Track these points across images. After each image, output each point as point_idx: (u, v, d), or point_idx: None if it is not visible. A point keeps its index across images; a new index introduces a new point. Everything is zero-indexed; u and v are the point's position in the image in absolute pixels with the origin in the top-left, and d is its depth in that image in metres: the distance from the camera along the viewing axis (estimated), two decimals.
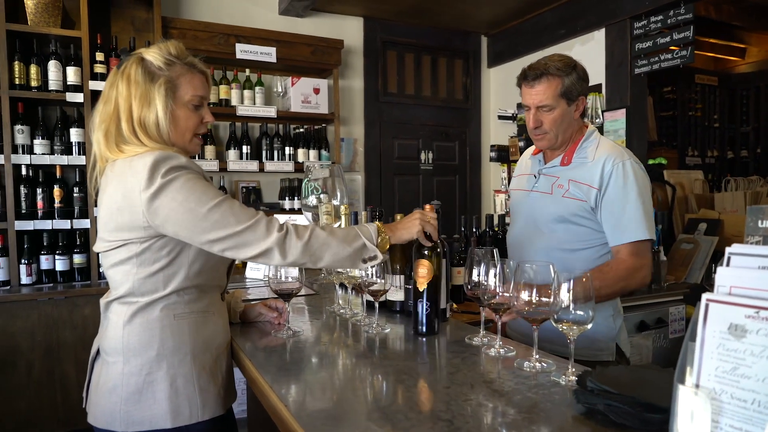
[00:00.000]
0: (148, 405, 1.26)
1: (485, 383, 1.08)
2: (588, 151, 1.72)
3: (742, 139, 5.93)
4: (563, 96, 1.66)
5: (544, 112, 1.68)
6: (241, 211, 1.24)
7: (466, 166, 4.92)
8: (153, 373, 1.27)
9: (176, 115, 1.33)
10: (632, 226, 1.62)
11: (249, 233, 1.23)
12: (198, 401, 1.28)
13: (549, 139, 1.73)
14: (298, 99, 3.89)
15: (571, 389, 1.03)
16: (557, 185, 1.73)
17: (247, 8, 3.99)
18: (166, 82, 1.30)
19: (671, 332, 2.82)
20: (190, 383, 1.28)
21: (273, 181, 4.10)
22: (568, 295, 1.07)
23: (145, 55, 1.32)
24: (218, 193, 1.26)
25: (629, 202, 1.62)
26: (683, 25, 3.35)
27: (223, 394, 1.36)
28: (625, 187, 1.63)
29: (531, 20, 4.42)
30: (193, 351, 1.30)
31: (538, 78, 1.66)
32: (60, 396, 2.98)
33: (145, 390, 1.26)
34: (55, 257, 3.17)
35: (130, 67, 1.31)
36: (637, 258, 1.62)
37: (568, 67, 1.67)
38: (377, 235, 1.35)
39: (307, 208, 2.37)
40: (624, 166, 1.65)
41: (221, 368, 1.38)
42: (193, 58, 1.38)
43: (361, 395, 1.06)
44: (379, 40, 4.49)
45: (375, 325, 1.51)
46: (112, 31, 3.51)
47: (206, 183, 1.27)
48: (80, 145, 3.23)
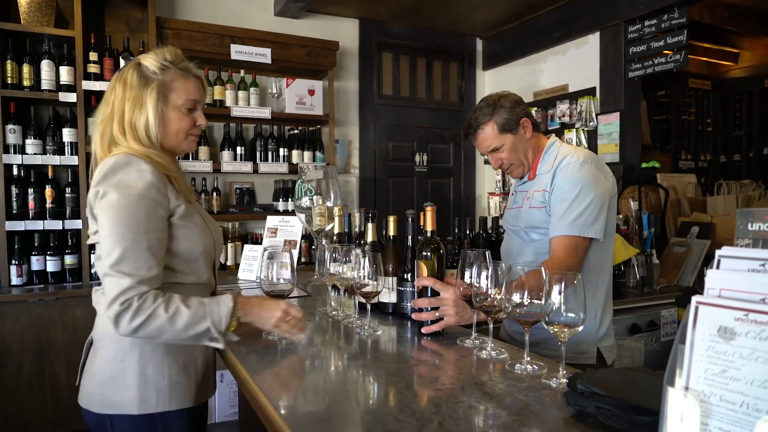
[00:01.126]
0: (119, 390, 1.32)
1: (476, 385, 1.07)
2: (548, 162, 1.80)
3: (734, 143, 5.97)
4: (503, 131, 1.77)
5: (498, 153, 1.80)
6: (132, 259, 1.22)
7: (461, 168, 4.93)
8: (126, 360, 1.33)
9: (169, 118, 1.39)
10: (564, 220, 1.63)
11: (113, 282, 1.21)
12: (166, 392, 1.33)
13: (517, 168, 1.84)
14: (293, 100, 3.89)
15: (562, 392, 1.03)
16: (526, 198, 1.84)
17: (243, 9, 3.98)
18: (159, 86, 1.36)
19: (663, 335, 2.83)
20: (160, 373, 1.34)
21: (267, 183, 4.09)
22: (559, 297, 1.07)
23: (142, 60, 1.38)
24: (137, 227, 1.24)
25: (565, 196, 1.65)
26: (677, 30, 3.37)
27: (195, 388, 1.39)
28: (563, 182, 1.68)
29: (526, 23, 4.44)
30: (166, 343, 1.32)
31: (473, 133, 1.81)
32: (50, 397, 2.95)
33: (117, 376, 1.33)
34: (47, 258, 3.15)
35: (127, 71, 1.38)
36: (566, 253, 1.61)
37: (491, 107, 1.77)
38: (229, 318, 1.29)
39: (301, 210, 2.36)
40: (570, 166, 1.69)
41: (196, 362, 1.40)
42: (187, 63, 1.43)
43: (353, 398, 1.06)
44: (375, 42, 4.49)
45: (367, 327, 1.51)
46: (106, 31, 3.49)
47: (139, 209, 1.25)
48: (73, 145, 3.21)
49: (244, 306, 1.35)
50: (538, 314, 1.15)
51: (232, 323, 1.31)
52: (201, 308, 1.27)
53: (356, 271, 1.49)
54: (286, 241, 2.48)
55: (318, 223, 2.32)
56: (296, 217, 2.47)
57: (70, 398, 2.97)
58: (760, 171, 5.71)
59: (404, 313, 1.66)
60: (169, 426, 1.35)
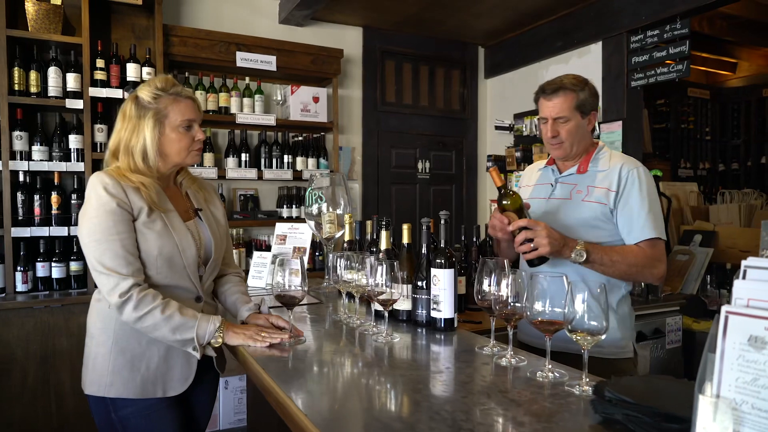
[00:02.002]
0: (84, 371, 1.58)
1: (501, 392, 1.09)
2: (602, 161, 1.82)
3: (733, 151, 6.03)
4: (577, 109, 1.77)
5: (561, 123, 1.78)
6: (110, 258, 1.44)
7: (463, 175, 4.95)
8: (89, 346, 1.58)
9: (170, 138, 1.59)
10: (649, 225, 1.71)
11: (104, 279, 1.44)
12: (106, 379, 1.51)
13: (565, 149, 1.81)
14: (298, 107, 3.91)
15: (586, 399, 1.04)
16: (576, 191, 1.81)
17: (248, 17, 4.00)
18: (154, 114, 1.56)
19: (668, 342, 2.85)
20: (106, 362, 1.52)
21: (271, 189, 4.10)
22: (582, 306, 1.09)
23: (139, 93, 1.59)
24: (108, 231, 1.45)
25: (644, 204, 1.72)
26: (679, 40, 3.41)
27: (140, 382, 1.51)
28: (640, 190, 1.73)
29: (528, 32, 4.48)
30: (116, 336, 1.53)
31: (555, 92, 1.78)
32: (54, 405, 2.94)
33: (85, 359, 1.59)
34: (52, 265, 3.14)
35: (127, 105, 1.60)
36: (656, 251, 1.71)
37: (582, 83, 1.80)
38: (213, 335, 1.48)
39: (311, 217, 2.37)
40: (638, 172, 1.76)
41: (149, 360, 1.53)
42: (178, 88, 1.61)
43: (382, 405, 1.07)
44: (378, 50, 4.52)
45: (384, 335, 1.52)
46: (113, 38, 3.50)
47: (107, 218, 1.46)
48: (79, 152, 3.22)
49: (228, 329, 1.51)
50: (560, 322, 1.16)
51: (218, 339, 1.49)
52: (192, 319, 1.47)
53: (374, 278, 1.50)
54: (296, 248, 2.49)
55: (328, 231, 2.33)
56: (305, 224, 2.48)
57: (75, 405, 2.96)
58: (758, 180, 5.76)
59: (419, 320, 1.68)
60: (120, 411, 1.52)
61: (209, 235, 1.66)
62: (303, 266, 1.56)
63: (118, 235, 1.46)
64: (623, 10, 3.71)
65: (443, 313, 1.59)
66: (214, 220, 1.72)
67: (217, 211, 1.77)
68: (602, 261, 1.64)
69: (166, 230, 1.54)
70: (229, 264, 1.84)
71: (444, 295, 1.58)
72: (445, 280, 1.58)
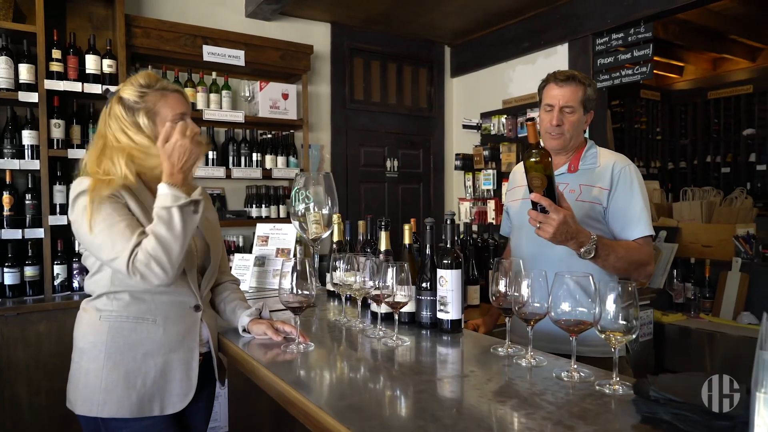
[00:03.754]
0: (73, 389, 1.45)
1: (536, 395, 1.07)
2: (590, 159, 1.83)
3: (681, 151, 6.34)
4: (582, 103, 1.78)
5: (567, 113, 1.78)
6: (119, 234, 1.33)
7: (430, 174, 4.97)
8: (77, 362, 1.45)
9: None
10: (644, 222, 1.72)
11: (118, 262, 1.33)
12: (99, 397, 1.39)
13: (565, 140, 1.81)
14: (267, 104, 3.79)
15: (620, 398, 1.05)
16: (569, 190, 1.79)
17: (213, 9, 3.85)
18: (145, 112, 1.46)
19: (641, 335, 2.95)
20: (98, 379, 1.39)
21: (238, 188, 3.97)
22: (614, 306, 1.09)
23: (122, 94, 1.47)
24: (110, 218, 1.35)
25: (639, 201, 1.74)
26: (643, 43, 3.54)
27: (136, 399, 1.39)
28: (634, 188, 1.75)
29: (495, 33, 4.53)
30: (108, 350, 1.40)
31: (567, 81, 1.78)
32: (10, 421, 2.73)
33: (72, 375, 1.47)
34: (4, 270, 2.91)
35: (113, 106, 1.48)
36: (649, 248, 1.73)
37: (590, 80, 1.82)
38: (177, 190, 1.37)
39: (296, 217, 2.30)
40: (630, 169, 1.78)
41: (145, 375, 1.41)
42: (163, 82, 1.52)
43: (425, 414, 1.03)
44: (347, 47, 4.46)
45: (395, 338, 1.48)
46: (68, 28, 3.28)
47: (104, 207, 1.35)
48: (33, 149, 2.99)
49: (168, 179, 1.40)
50: (588, 322, 1.16)
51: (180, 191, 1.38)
52: (161, 211, 1.35)
53: (383, 281, 1.46)
54: (278, 250, 2.41)
55: (314, 231, 2.26)
56: (289, 225, 2.41)
57: (32, 421, 2.76)
58: (704, 178, 6.09)
59: (423, 322, 1.65)
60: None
61: (205, 241, 1.57)
62: (313, 269, 1.50)
63: (122, 218, 1.35)
64: (589, 14, 3.81)
65: (451, 314, 1.56)
66: (210, 225, 1.62)
67: (212, 216, 1.67)
68: (608, 257, 1.60)
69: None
70: (225, 271, 1.75)
71: (452, 296, 1.56)
72: (453, 281, 1.55)
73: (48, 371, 2.76)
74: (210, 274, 1.58)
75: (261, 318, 1.58)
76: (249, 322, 1.56)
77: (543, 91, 1.86)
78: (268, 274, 2.40)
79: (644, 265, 1.71)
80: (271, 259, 2.38)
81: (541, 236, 1.50)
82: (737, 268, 3.01)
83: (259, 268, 2.40)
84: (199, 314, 1.51)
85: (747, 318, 2.86)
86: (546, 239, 1.50)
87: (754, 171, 5.75)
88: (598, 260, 1.61)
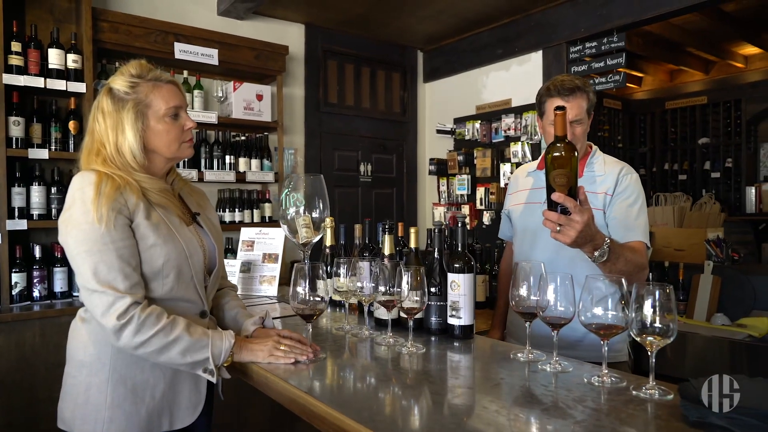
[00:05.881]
0: (67, 407, 1.32)
1: (576, 401, 1.04)
2: (596, 165, 1.82)
3: (640, 158, 6.56)
4: (587, 112, 1.73)
5: (576, 126, 1.73)
6: (105, 271, 1.21)
7: (404, 178, 4.94)
8: (76, 377, 1.32)
9: (157, 130, 1.38)
10: (644, 228, 1.73)
11: (96, 298, 1.21)
12: (104, 415, 1.27)
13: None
14: (240, 105, 3.67)
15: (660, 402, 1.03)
16: None
17: (184, 5, 3.70)
18: (134, 105, 1.35)
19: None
20: (102, 394, 1.28)
21: (210, 192, 3.81)
22: (651, 310, 1.07)
23: (112, 84, 1.38)
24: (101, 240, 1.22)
25: (642, 208, 1.74)
26: (616, 52, 3.63)
27: (145, 415, 1.29)
28: (634, 193, 1.74)
29: (468, 39, 4.55)
30: (114, 363, 1.29)
31: (573, 93, 1.71)
32: None
33: (68, 391, 1.33)
34: None
35: (101, 99, 1.38)
36: (646, 254, 1.73)
37: (588, 85, 1.76)
38: (229, 353, 1.30)
39: (285, 221, 2.21)
40: (633, 177, 1.78)
41: (154, 387, 1.31)
42: (156, 72, 1.42)
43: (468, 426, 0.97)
44: (321, 49, 4.38)
45: (410, 345, 1.42)
46: (27, 20, 3.07)
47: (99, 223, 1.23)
48: None
49: (240, 344, 1.34)
50: (620, 326, 1.14)
51: (228, 359, 1.30)
52: (205, 338, 1.26)
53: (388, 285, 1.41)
54: (266, 255, 2.30)
55: (305, 235, 2.18)
56: (276, 229, 2.31)
57: None
58: (663, 184, 6.32)
59: (432, 328, 1.60)
60: None
61: (212, 242, 1.47)
62: (324, 274, 1.43)
63: (113, 244, 1.23)
64: (563, 22, 3.88)
65: (463, 320, 1.52)
66: (213, 227, 1.53)
67: (213, 217, 1.57)
68: (617, 260, 1.53)
69: (171, 235, 1.34)
70: (224, 276, 1.65)
71: (464, 301, 1.51)
72: (465, 286, 1.51)
73: (5, 389, 2.55)
74: (215, 278, 1.49)
75: (264, 327, 1.49)
76: (253, 331, 1.47)
77: (546, 104, 1.78)
78: (254, 280, 2.29)
79: (644, 268, 1.71)
80: (257, 264, 2.28)
81: (559, 240, 1.36)
82: (709, 271, 3.11)
83: (245, 274, 2.29)
84: (206, 321, 1.42)
85: (720, 319, 2.96)
86: (565, 243, 1.36)
87: (709, 178, 6.02)
88: (608, 264, 1.54)
